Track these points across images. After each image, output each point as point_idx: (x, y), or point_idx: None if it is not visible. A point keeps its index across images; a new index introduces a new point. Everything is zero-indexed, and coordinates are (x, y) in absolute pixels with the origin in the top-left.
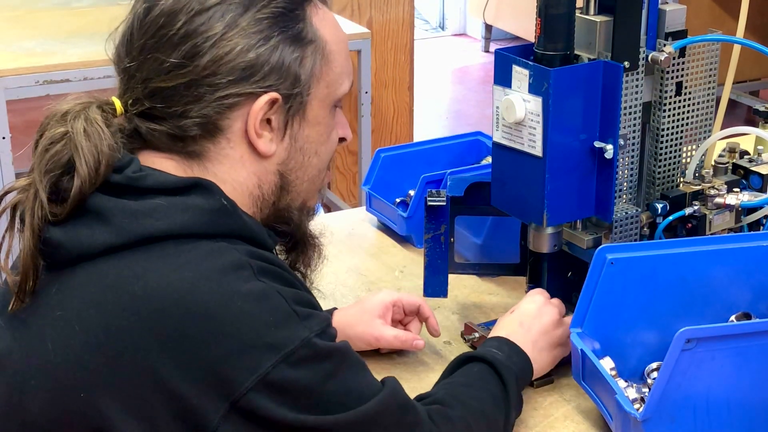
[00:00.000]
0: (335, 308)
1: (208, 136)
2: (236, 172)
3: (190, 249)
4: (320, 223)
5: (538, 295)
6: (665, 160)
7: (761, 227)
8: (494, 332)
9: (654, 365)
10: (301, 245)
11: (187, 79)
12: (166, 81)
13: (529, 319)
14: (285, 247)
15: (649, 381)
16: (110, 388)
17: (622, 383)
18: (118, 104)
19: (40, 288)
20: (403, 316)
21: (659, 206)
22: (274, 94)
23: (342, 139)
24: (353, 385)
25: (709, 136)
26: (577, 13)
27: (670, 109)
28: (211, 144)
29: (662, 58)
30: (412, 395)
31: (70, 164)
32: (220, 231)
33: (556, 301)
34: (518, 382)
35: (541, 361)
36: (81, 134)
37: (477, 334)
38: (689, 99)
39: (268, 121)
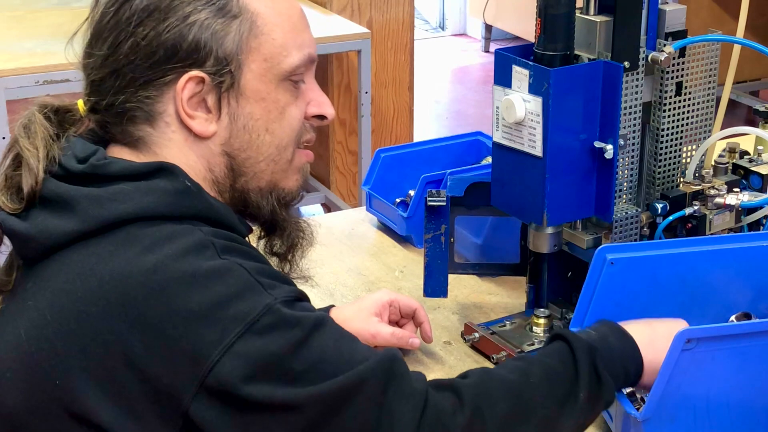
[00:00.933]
0: (332, 305)
1: (147, 122)
2: (185, 156)
3: (155, 231)
4: (320, 223)
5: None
6: (665, 160)
7: (761, 227)
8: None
9: None
10: (276, 229)
11: (111, 69)
12: (97, 74)
13: (661, 325)
14: (263, 232)
15: None
16: (85, 374)
17: None
18: (80, 104)
19: (18, 285)
20: (399, 318)
21: (659, 206)
22: (195, 73)
23: (320, 117)
24: (329, 354)
25: (709, 136)
26: (577, 13)
27: (670, 109)
28: (152, 129)
29: (662, 58)
30: None
31: (18, 161)
32: (186, 213)
33: None
34: (602, 360)
35: (654, 361)
36: (20, 129)
37: (477, 334)
38: (689, 99)
39: (205, 101)
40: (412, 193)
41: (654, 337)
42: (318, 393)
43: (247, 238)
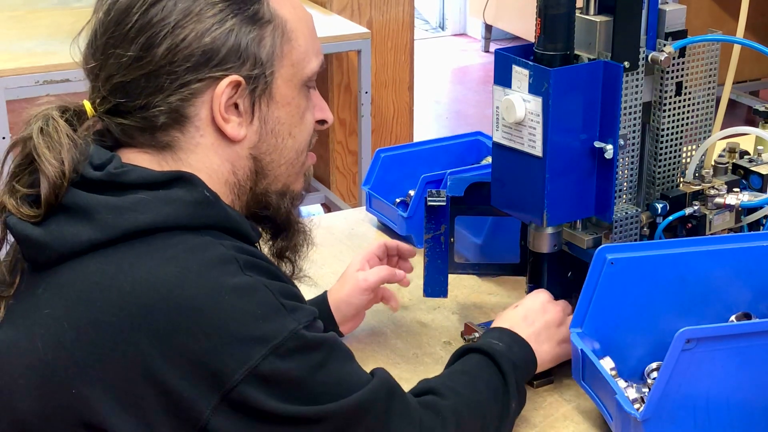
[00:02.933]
0: (326, 291)
1: (176, 126)
2: (209, 160)
3: (176, 243)
4: (320, 223)
5: (543, 294)
6: (665, 160)
7: (761, 227)
8: (496, 324)
9: (654, 365)
10: (286, 231)
11: (146, 71)
12: (126, 75)
13: (533, 313)
14: (269, 234)
15: (649, 381)
16: (101, 383)
17: (622, 383)
18: (88, 106)
19: (26, 289)
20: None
21: (659, 206)
22: (235, 77)
23: (323, 122)
24: (343, 375)
25: (709, 136)
26: (577, 13)
27: (670, 109)
28: (181, 134)
29: (662, 58)
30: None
31: (33, 165)
32: (204, 223)
33: (561, 302)
34: (518, 372)
35: (543, 355)
36: (38, 135)
37: (477, 334)
38: (689, 99)
39: (236, 105)
40: (412, 193)
41: (533, 329)
42: (336, 409)
43: (258, 245)
